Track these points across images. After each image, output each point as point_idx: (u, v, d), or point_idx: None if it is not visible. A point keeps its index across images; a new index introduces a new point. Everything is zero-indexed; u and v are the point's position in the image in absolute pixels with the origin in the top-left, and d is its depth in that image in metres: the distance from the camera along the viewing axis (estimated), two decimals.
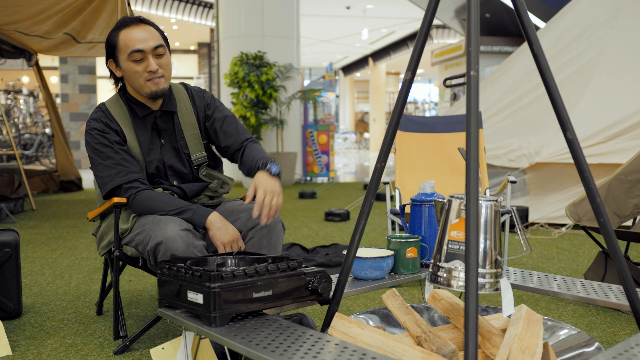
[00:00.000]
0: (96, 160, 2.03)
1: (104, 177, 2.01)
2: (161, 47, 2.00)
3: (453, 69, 16.05)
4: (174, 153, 2.13)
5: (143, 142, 2.08)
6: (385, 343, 1.35)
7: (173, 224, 1.88)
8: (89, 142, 2.05)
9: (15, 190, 6.55)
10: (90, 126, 2.05)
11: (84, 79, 12.19)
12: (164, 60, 2.02)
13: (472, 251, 1.16)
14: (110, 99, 2.14)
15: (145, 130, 2.09)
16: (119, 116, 2.07)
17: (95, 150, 2.03)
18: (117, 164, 2.00)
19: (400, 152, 3.58)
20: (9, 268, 2.49)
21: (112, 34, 2.01)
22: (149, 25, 2.01)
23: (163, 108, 2.10)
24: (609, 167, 4.71)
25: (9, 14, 5.50)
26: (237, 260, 1.72)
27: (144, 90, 2.01)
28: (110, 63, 2.07)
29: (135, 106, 2.08)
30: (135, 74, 1.99)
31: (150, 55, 1.98)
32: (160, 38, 2.01)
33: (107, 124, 2.04)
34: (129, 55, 1.97)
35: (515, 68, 6.54)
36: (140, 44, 1.96)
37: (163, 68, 2.01)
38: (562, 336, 1.61)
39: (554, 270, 3.43)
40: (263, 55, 8.75)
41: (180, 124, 2.13)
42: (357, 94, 29.07)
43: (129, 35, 1.97)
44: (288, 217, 5.75)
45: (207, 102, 2.19)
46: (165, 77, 2.02)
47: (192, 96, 2.18)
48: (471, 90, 1.22)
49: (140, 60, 1.98)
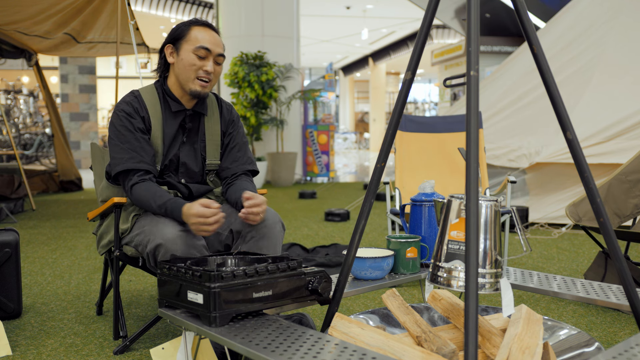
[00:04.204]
0: (115, 141, 2.06)
1: (117, 159, 2.04)
2: (222, 57, 2.10)
3: (453, 69, 16.05)
4: (192, 153, 2.16)
5: (167, 134, 2.11)
6: (385, 343, 1.35)
7: (172, 225, 1.89)
8: (113, 123, 2.08)
9: (15, 190, 6.55)
10: (119, 107, 2.09)
11: (84, 79, 12.19)
12: (219, 68, 2.11)
13: (472, 251, 1.16)
14: (145, 87, 2.17)
15: (173, 124, 2.13)
16: (151, 105, 2.11)
17: (117, 132, 2.06)
18: (133, 150, 2.03)
19: (400, 152, 3.58)
20: (9, 268, 2.49)
21: (183, 25, 2.09)
22: (218, 35, 2.12)
23: (195, 108, 2.16)
24: (609, 167, 4.70)
25: (9, 14, 5.49)
26: (237, 260, 1.73)
27: (189, 86, 2.07)
28: (168, 48, 2.10)
29: (170, 100, 2.12)
30: (192, 66, 2.04)
31: (212, 57, 2.06)
32: (223, 49, 2.12)
33: (136, 109, 2.08)
34: (196, 49, 2.03)
35: (515, 68, 6.54)
36: (211, 44, 2.05)
37: (215, 74, 2.10)
38: (562, 336, 1.61)
39: (554, 270, 3.43)
40: (263, 55, 8.75)
41: (205, 128, 2.19)
42: (357, 94, 29.06)
43: (202, 32, 2.05)
44: (288, 217, 5.75)
45: (232, 119, 2.26)
46: (211, 83, 2.10)
47: (221, 107, 2.25)
48: (471, 90, 1.22)
49: (202, 58, 2.05)
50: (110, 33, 6.48)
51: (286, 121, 9.16)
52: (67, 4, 5.50)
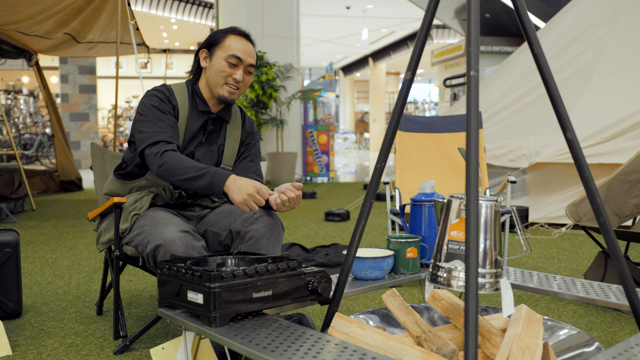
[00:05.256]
0: (146, 117, 2.05)
1: (149, 132, 2.03)
2: (253, 67, 2.14)
3: (453, 69, 16.06)
4: (208, 154, 2.19)
5: (189, 130, 2.14)
6: (385, 343, 1.35)
7: (172, 226, 1.89)
8: (144, 103, 2.08)
9: (15, 190, 6.56)
10: (151, 92, 2.11)
11: (84, 79, 12.19)
12: (248, 78, 2.16)
13: (472, 251, 1.16)
14: (176, 84, 2.20)
15: (196, 122, 2.15)
16: (180, 99, 2.15)
17: (149, 109, 2.06)
18: (167, 127, 2.05)
19: (400, 152, 3.58)
20: (9, 268, 2.49)
21: (221, 32, 2.13)
22: (253, 45, 2.16)
23: (219, 114, 2.19)
24: (609, 167, 4.70)
25: (9, 14, 5.50)
26: (237, 260, 1.73)
27: (217, 91, 2.11)
28: (202, 52, 2.15)
29: (199, 99, 2.16)
30: (222, 73, 2.09)
31: (243, 67, 2.10)
32: (255, 60, 2.15)
33: (168, 97, 2.12)
34: (228, 56, 2.08)
35: (515, 68, 6.54)
36: (243, 54, 2.09)
37: (243, 83, 2.14)
38: (562, 336, 1.61)
39: (554, 270, 3.43)
40: (263, 55, 8.76)
41: (226, 134, 2.23)
42: (357, 94, 29.06)
43: (237, 42, 2.10)
44: (288, 217, 5.75)
45: (252, 132, 2.33)
46: (240, 91, 2.15)
47: (244, 118, 2.31)
48: (471, 90, 1.22)
49: (233, 65, 2.09)
50: (110, 33, 6.48)
51: (286, 121, 9.16)
52: (67, 4, 5.51)
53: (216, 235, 2.09)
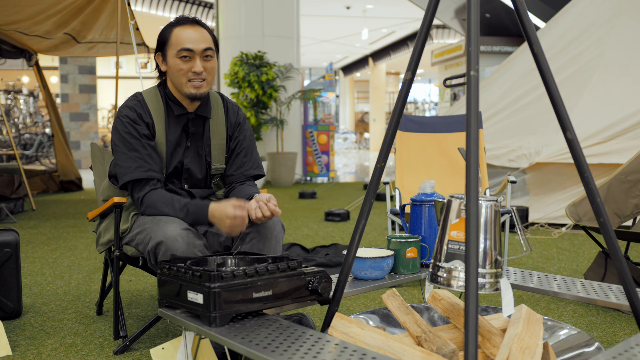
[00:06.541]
0: (121, 149, 2.01)
1: (125, 168, 1.99)
2: (210, 50, 2.02)
3: (453, 69, 16.05)
4: (196, 158, 2.12)
5: (170, 140, 2.07)
6: (385, 343, 1.35)
7: (173, 224, 1.88)
8: (117, 129, 2.03)
9: (15, 190, 6.55)
10: (122, 113, 2.04)
11: (84, 79, 12.19)
12: (210, 64, 2.03)
13: (472, 251, 1.16)
14: (148, 89, 2.13)
15: (175, 129, 2.09)
16: (155, 110, 2.06)
17: (122, 139, 2.01)
18: (141, 158, 1.99)
19: (400, 152, 3.58)
20: (9, 268, 2.49)
21: (166, 29, 2.04)
22: (203, 28, 2.04)
23: (198, 112, 2.11)
24: (609, 167, 4.70)
25: (9, 14, 5.50)
26: (237, 260, 1.73)
27: (184, 90, 2.02)
28: (158, 56, 2.08)
29: (172, 103, 2.08)
30: (180, 71, 2.00)
31: (198, 56, 2.00)
32: (211, 42, 2.03)
33: (140, 115, 2.03)
34: (177, 52, 1.99)
35: (515, 68, 6.54)
36: (191, 43, 1.98)
37: (207, 72, 2.03)
38: (562, 336, 1.61)
39: (554, 270, 3.43)
40: (263, 55, 8.75)
41: (210, 131, 2.14)
42: (357, 94, 29.06)
43: (182, 33, 1.99)
44: (288, 217, 5.75)
45: (239, 122, 2.21)
46: (207, 81, 2.04)
47: (227, 108, 2.20)
48: (471, 90, 1.22)
49: (188, 59, 1.99)
50: (110, 33, 6.48)
51: (286, 121, 9.16)
52: (67, 4, 5.51)
53: (216, 236, 2.09)
